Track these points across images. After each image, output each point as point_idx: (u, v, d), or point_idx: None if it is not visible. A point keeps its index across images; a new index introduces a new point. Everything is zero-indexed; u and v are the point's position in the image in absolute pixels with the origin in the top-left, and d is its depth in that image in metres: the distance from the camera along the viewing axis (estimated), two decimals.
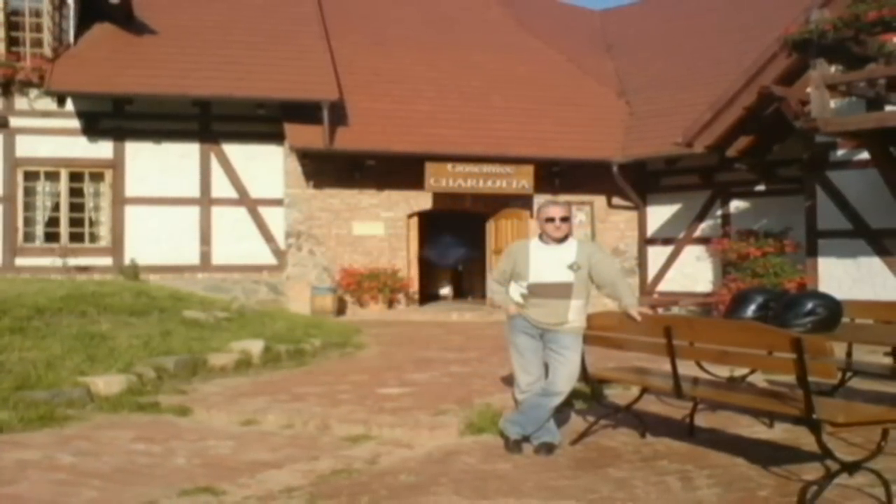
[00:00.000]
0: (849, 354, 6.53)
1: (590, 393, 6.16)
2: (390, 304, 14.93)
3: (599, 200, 16.37)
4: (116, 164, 14.44)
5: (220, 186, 14.80)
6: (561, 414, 5.58)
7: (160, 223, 14.43)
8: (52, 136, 14.13)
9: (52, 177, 14.30)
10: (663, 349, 4.94)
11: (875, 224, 11.27)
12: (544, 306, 5.13)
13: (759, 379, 6.83)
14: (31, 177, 14.19)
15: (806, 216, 12.06)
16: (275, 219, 14.98)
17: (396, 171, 14.99)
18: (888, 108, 10.51)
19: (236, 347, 8.54)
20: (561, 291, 5.11)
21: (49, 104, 14.01)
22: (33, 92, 13.94)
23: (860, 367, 6.39)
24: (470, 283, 18.56)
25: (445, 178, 14.82)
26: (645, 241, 16.39)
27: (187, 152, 14.66)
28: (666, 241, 15.94)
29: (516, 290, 5.26)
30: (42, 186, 14.27)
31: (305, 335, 9.94)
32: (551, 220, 5.18)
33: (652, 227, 16.28)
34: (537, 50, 18.09)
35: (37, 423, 5.75)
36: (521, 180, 15.13)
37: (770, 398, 4.82)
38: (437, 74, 16.32)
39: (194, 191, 14.71)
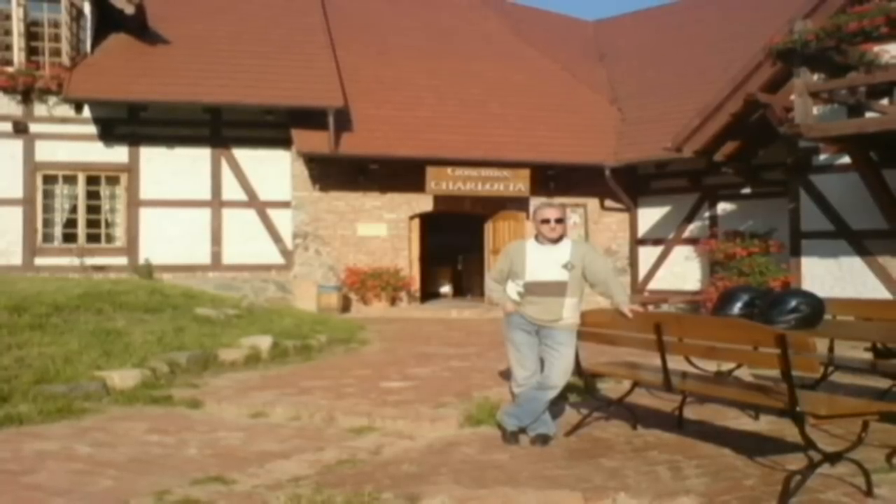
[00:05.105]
0: (831, 350, 6.62)
1: (583, 387, 6.35)
2: (393, 301, 15.13)
3: (593, 203, 16.58)
4: (131, 168, 14.69)
5: (231, 189, 15.03)
6: (556, 407, 5.65)
7: (173, 224, 14.67)
8: (69, 142, 14.38)
9: (70, 180, 14.54)
10: (653, 345, 5.06)
11: (856, 225, 11.44)
12: (540, 304, 5.22)
13: (745, 373, 6.93)
14: (49, 180, 14.43)
15: (790, 218, 12.22)
16: (282, 220, 15.21)
17: (399, 174, 15.21)
18: (868, 114, 10.71)
19: (246, 343, 8.68)
20: (556, 290, 5.20)
21: (67, 111, 14.29)
22: (52, 99, 14.16)
23: (842, 362, 6.49)
24: (469, 282, 18.74)
25: (445, 182, 15.03)
26: (636, 242, 16.59)
27: (199, 157, 14.90)
28: (656, 242, 16.15)
29: (513, 289, 5.34)
30: (60, 189, 14.51)
31: (312, 331, 10.08)
32: (547, 221, 5.26)
33: (643, 229, 16.48)
34: (533, 59, 18.30)
35: (55, 415, 5.89)
36: (517, 183, 15.34)
37: (756, 392, 4.89)
38: (438, 82, 16.53)
39: (205, 193, 14.95)
